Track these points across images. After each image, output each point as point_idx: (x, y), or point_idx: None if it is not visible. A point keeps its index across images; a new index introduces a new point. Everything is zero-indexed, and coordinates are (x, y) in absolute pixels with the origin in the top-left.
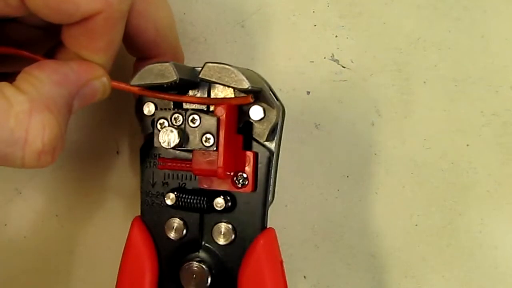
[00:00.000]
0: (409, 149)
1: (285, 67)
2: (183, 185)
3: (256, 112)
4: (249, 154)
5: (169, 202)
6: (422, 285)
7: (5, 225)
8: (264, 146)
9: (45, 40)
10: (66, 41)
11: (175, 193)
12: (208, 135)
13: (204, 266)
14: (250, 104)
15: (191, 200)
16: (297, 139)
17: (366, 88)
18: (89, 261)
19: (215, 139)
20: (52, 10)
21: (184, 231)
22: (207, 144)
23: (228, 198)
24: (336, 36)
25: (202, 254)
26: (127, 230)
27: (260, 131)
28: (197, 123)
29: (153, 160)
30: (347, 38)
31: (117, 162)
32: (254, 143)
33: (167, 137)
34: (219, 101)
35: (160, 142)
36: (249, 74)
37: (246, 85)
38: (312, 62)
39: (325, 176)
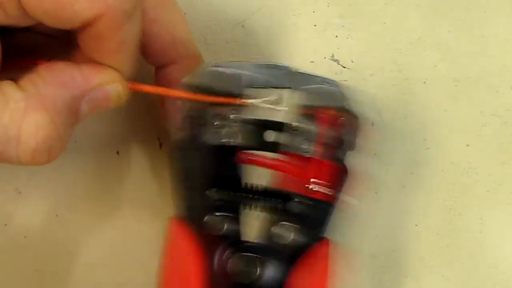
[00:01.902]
0: (409, 149)
1: None
2: (241, 180)
3: (352, 130)
4: (327, 163)
5: (221, 198)
6: (422, 285)
7: (5, 225)
8: (338, 158)
9: (63, 46)
10: (81, 45)
11: (239, 191)
12: (307, 141)
13: (253, 256)
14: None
15: (264, 201)
16: None
17: (366, 88)
18: (89, 261)
19: (313, 147)
20: (52, 18)
21: (234, 227)
22: (304, 150)
23: (300, 201)
24: (336, 36)
25: (251, 246)
26: (128, 231)
27: (350, 147)
28: (298, 128)
29: (191, 157)
30: (347, 38)
31: (117, 162)
32: (335, 156)
33: (233, 135)
34: (311, 111)
35: (222, 139)
36: (343, 91)
37: (351, 106)
38: (312, 62)
39: None
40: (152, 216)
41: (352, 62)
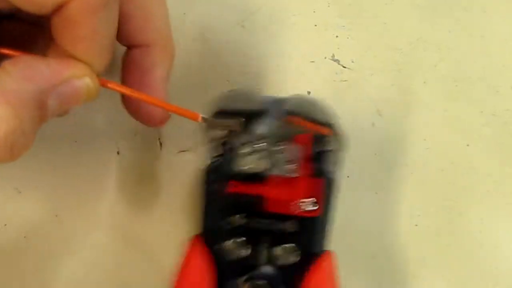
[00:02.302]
0: (409, 149)
1: (286, 67)
2: (250, 207)
3: (330, 144)
4: (318, 181)
5: (237, 223)
6: (422, 285)
7: (5, 225)
8: (328, 174)
9: (45, 36)
10: (54, 33)
11: (245, 215)
12: (291, 163)
13: (265, 284)
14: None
15: (264, 224)
16: None
17: (366, 88)
18: (89, 261)
19: (298, 167)
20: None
21: (245, 252)
22: (289, 171)
23: (296, 221)
24: (337, 36)
25: (262, 273)
26: (127, 231)
27: (331, 160)
28: (282, 151)
29: (219, 181)
30: (348, 38)
31: (117, 162)
32: (319, 171)
33: (260, 162)
34: (300, 132)
35: (249, 165)
36: (327, 108)
37: (331, 120)
38: (313, 62)
39: None
40: (152, 216)
41: (353, 62)
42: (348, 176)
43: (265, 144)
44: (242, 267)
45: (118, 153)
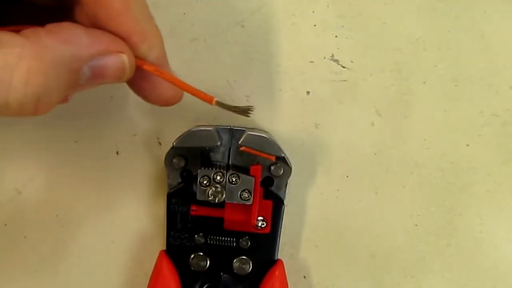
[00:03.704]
0: (409, 149)
1: (285, 67)
2: (210, 226)
3: (278, 170)
4: (268, 202)
5: (199, 242)
6: (422, 285)
7: (5, 225)
8: (276, 195)
9: (45, 18)
10: (87, 11)
11: (206, 234)
12: (246, 191)
13: None
14: (273, 163)
15: (222, 241)
16: (297, 139)
17: (366, 88)
18: (89, 261)
19: (252, 195)
20: None
21: (207, 264)
22: (244, 199)
23: (249, 237)
24: (336, 36)
25: (222, 284)
26: (127, 230)
27: (278, 184)
28: (237, 181)
29: (180, 205)
30: (347, 38)
31: (117, 162)
32: (268, 194)
33: (217, 194)
34: (252, 163)
35: (208, 197)
36: (276, 142)
37: (282, 154)
38: (312, 62)
39: (325, 176)
40: (152, 216)
41: (352, 62)
42: (348, 176)
43: (221, 176)
44: (204, 277)
45: (117, 153)
